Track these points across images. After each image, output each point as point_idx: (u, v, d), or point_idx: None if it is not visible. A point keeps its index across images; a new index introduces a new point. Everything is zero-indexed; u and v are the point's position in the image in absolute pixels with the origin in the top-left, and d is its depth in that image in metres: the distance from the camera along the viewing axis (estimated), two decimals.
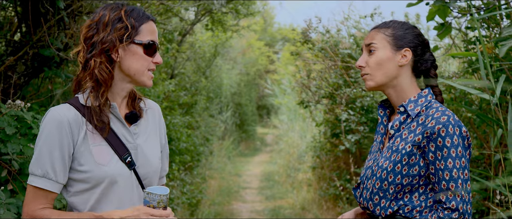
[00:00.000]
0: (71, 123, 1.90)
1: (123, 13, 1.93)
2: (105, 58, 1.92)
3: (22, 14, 3.86)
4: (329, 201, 7.63)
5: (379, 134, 2.20)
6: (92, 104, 1.92)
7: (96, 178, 1.91)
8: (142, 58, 1.95)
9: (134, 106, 2.05)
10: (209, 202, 8.82)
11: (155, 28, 2.01)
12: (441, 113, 1.98)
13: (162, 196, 1.88)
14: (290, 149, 11.92)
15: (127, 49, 1.93)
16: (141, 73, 1.96)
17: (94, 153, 1.92)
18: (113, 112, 1.98)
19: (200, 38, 10.91)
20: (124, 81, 1.98)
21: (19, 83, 3.74)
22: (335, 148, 7.54)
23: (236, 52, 17.42)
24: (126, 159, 1.96)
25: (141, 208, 1.87)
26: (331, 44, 7.20)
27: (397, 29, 2.09)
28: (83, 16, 3.83)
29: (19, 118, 2.94)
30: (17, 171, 2.99)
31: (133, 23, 1.93)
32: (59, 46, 3.69)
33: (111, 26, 1.91)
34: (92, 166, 1.91)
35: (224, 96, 14.93)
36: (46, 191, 1.90)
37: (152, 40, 1.97)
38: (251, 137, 18.46)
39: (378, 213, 2.07)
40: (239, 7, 9.33)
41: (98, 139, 1.94)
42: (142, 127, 2.06)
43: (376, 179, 2.06)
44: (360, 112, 6.49)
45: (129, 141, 1.99)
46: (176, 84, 8.50)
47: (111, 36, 1.91)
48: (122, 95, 2.00)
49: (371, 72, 2.10)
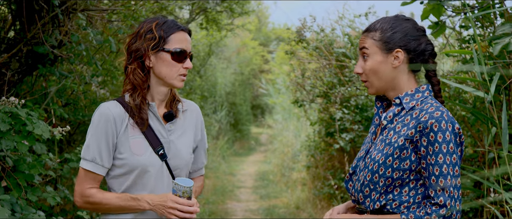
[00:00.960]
0: (115, 117, 2.23)
1: (154, 25, 2.24)
2: (138, 65, 2.25)
3: (16, 11, 3.84)
4: (323, 200, 7.64)
5: (374, 124, 2.21)
6: (131, 104, 2.25)
7: (130, 166, 2.23)
8: (171, 64, 2.24)
9: (172, 107, 2.34)
10: (204, 201, 8.81)
11: (186, 37, 2.29)
12: (435, 108, 1.99)
13: (186, 188, 2.19)
14: (284, 148, 11.92)
15: (158, 57, 2.24)
16: (171, 77, 2.26)
17: (131, 144, 2.24)
18: (152, 110, 2.28)
19: (195, 37, 10.90)
20: (158, 84, 2.29)
21: (13, 80, 3.73)
22: (330, 147, 7.54)
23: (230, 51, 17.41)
24: (159, 151, 2.26)
25: (169, 196, 2.19)
26: (325, 43, 7.21)
27: (385, 31, 2.07)
28: (77, 13, 3.82)
29: (13, 115, 2.92)
30: (11, 168, 2.98)
31: (162, 33, 2.23)
32: (53, 44, 3.68)
33: (144, 36, 2.25)
34: (128, 155, 2.23)
35: (218, 95, 14.91)
36: (94, 174, 2.24)
37: (181, 48, 2.25)
38: (245, 137, 18.45)
39: (367, 206, 2.08)
40: (234, 6, 9.32)
41: (137, 132, 2.26)
42: (178, 125, 2.35)
43: (368, 171, 2.07)
44: (355, 111, 6.50)
45: (163, 136, 2.29)
46: None
47: (142, 45, 2.24)
48: (159, 98, 2.31)
49: (368, 79, 2.11)
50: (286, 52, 7.92)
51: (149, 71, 2.27)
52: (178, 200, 2.18)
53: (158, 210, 2.20)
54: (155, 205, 2.20)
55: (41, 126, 2.94)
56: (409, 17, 2.12)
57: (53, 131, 3.11)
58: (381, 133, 2.11)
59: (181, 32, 2.27)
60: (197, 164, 2.51)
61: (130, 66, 2.26)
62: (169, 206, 2.18)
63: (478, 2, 3.82)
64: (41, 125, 2.95)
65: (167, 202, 2.18)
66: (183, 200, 2.19)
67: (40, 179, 3.18)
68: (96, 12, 4.09)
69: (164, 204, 2.18)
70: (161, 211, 2.19)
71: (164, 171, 2.29)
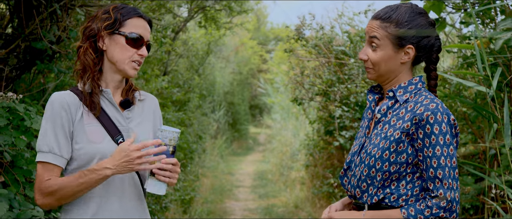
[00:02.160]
0: (70, 104, 2.11)
1: (112, 8, 2.17)
2: (90, 45, 2.15)
3: (14, 6, 3.82)
4: (322, 199, 7.62)
5: (367, 118, 2.18)
6: (82, 87, 2.14)
7: (88, 154, 2.09)
8: (124, 48, 2.14)
9: (128, 95, 2.23)
10: (202, 200, 8.78)
11: (145, 25, 2.19)
12: (430, 100, 1.97)
13: (174, 134, 2.03)
14: (283, 147, 11.91)
15: (112, 39, 2.15)
16: (123, 62, 2.15)
17: (88, 132, 2.11)
18: (107, 97, 2.18)
19: (193, 35, 10.87)
20: (111, 70, 2.18)
21: (11, 76, 3.70)
22: (329, 146, 7.52)
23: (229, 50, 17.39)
24: (118, 139, 2.13)
25: (126, 147, 1.99)
26: (324, 41, 7.19)
27: (400, 25, 2.01)
28: (76, 8, 3.80)
29: (11, 110, 2.90)
30: (9, 163, 2.96)
31: (118, 16, 2.15)
32: (51, 39, 3.65)
33: (100, 17, 2.16)
34: (85, 144, 2.10)
35: (217, 94, 14.89)
36: (52, 165, 2.08)
37: (138, 33, 2.16)
38: (243, 136, 18.44)
39: (365, 200, 2.06)
40: (233, 4, 9.30)
41: (92, 120, 2.13)
42: (136, 113, 2.23)
43: (364, 166, 2.04)
44: (355, 108, 6.48)
45: (121, 124, 2.17)
46: (169, 81, 8.46)
47: (96, 25, 2.15)
48: (113, 85, 2.20)
49: (373, 67, 2.07)
50: (285, 50, 7.89)
51: (102, 54, 2.16)
52: (139, 145, 1.98)
53: (124, 169, 2.00)
54: (117, 165, 1.99)
55: (39, 121, 2.91)
56: (422, 9, 2.06)
57: None
58: (375, 126, 2.09)
59: (139, 18, 2.18)
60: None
61: (83, 46, 2.15)
62: (136, 157, 1.98)
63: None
64: (39, 120, 2.93)
65: (130, 154, 1.99)
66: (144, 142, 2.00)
67: None
68: (94, 7, 4.06)
69: (128, 158, 1.99)
70: (128, 168, 2.00)
71: None
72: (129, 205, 2.16)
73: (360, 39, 6.89)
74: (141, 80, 6.66)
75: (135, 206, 2.18)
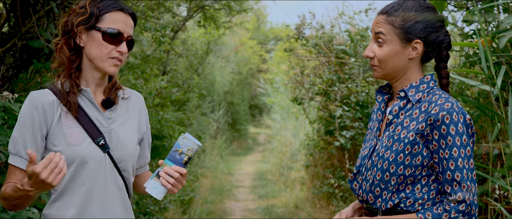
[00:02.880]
0: (44, 105, 2.01)
1: (89, 2, 2.05)
2: (66, 40, 2.05)
3: (10, 5, 3.77)
4: (322, 199, 7.57)
5: (377, 120, 2.09)
6: (59, 88, 2.05)
7: (67, 158, 1.97)
8: (101, 44, 2.04)
9: (111, 94, 2.13)
10: (202, 200, 8.74)
11: (126, 20, 2.08)
12: (444, 99, 1.89)
13: (195, 145, 1.98)
14: (283, 147, 11.87)
15: (89, 35, 2.04)
16: (100, 59, 2.05)
17: (66, 134, 2.01)
18: (87, 96, 2.08)
19: (193, 35, 10.83)
20: (90, 68, 2.08)
21: (7, 75, 3.65)
22: (329, 146, 7.48)
23: (228, 50, 17.35)
24: (99, 141, 2.04)
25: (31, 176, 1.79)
26: (325, 40, 7.14)
27: (407, 20, 1.93)
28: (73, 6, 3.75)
29: (6, 109, 2.85)
30: (4, 164, 2.91)
31: (95, 10, 2.03)
32: (48, 38, 3.61)
33: (75, 12, 2.06)
34: (63, 147, 2.00)
35: (216, 94, 14.85)
36: (19, 168, 2.01)
37: (117, 29, 2.04)
38: (243, 136, 18.41)
39: (378, 206, 1.98)
40: (232, 3, 9.25)
41: (72, 122, 2.04)
42: (119, 113, 2.14)
43: (377, 170, 1.96)
44: (355, 108, 6.43)
45: (103, 125, 2.08)
46: (168, 81, 8.42)
47: (72, 20, 2.04)
48: (94, 82, 2.10)
49: (379, 65, 1.99)
50: (285, 50, 7.85)
51: (81, 50, 2.07)
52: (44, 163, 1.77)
53: (45, 187, 1.81)
54: (37, 187, 1.82)
55: None
56: (430, 4, 1.98)
57: None
58: (387, 128, 2.00)
59: (119, 12, 2.06)
60: (143, 159, 2.27)
61: (59, 42, 2.06)
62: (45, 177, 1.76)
63: None
64: None
65: (39, 177, 1.77)
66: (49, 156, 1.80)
67: None
68: None
69: (40, 180, 1.78)
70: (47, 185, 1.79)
71: (107, 164, 2.05)
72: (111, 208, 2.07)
73: (360, 38, 6.85)
74: (140, 80, 6.62)
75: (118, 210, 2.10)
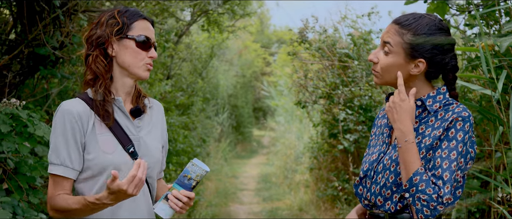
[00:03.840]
0: (80, 114, 2.06)
1: (116, 12, 2.13)
2: (100, 52, 2.10)
3: (17, 12, 3.82)
4: (327, 202, 7.59)
5: (386, 126, 2.14)
6: (94, 97, 2.09)
7: (100, 165, 2.06)
8: (135, 51, 2.12)
9: (139, 103, 2.21)
10: (206, 203, 8.78)
11: (150, 27, 2.17)
12: (462, 108, 1.96)
13: (203, 171, 2.03)
14: (287, 150, 11.89)
15: (121, 44, 2.11)
16: (135, 66, 2.12)
17: (100, 142, 2.08)
18: (118, 105, 2.14)
19: (197, 39, 10.87)
20: (123, 75, 2.14)
21: (14, 82, 3.70)
22: (333, 149, 7.50)
23: (232, 53, 17.39)
24: (129, 149, 2.11)
25: (116, 190, 1.88)
26: (328, 44, 7.17)
27: (418, 36, 1.96)
28: (78, 14, 3.80)
29: (14, 116, 2.89)
30: (12, 170, 2.95)
31: (125, 20, 2.12)
32: (54, 45, 3.65)
33: (106, 23, 2.11)
34: (98, 154, 2.06)
35: (220, 97, 14.89)
36: (64, 178, 2.06)
37: (146, 35, 2.13)
38: (247, 139, 18.43)
39: (387, 208, 2.02)
40: (235, 7, 9.29)
41: (104, 130, 2.10)
42: (145, 122, 2.21)
43: (390, 172, 2.00)
44: (359, 111, 6.45)
45: (132, 133, 2.14)
46: (173, 85, 8.46)
47: (104, 31, 2.10)
48: (125, 91, 2.16)
49: (380, 72, 2.03)
50: (289, 53, 7.88)
51: (112, 61, 2.12)
52: (132, 175, 1.88)
53: (124, 198, 1.93)
54: (117, 199, 1.93)
55: (43, 127, 2.91)
56: (444, 25, 2.01)
57: None
58: None
59: (144, 20, 2.16)
60: (161, 166, 2.32)
61: (92, 54, 2.10)
62: (131, 191, 1.89)
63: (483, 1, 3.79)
64: (43, 126, 2.92)
65: (124, 191, 1.88)
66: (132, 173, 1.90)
67: (41, 181, 3.14)
68: (97, 13, 4.06)
69: (124, 194, 1.90)
70: (127, 197, 1.92)
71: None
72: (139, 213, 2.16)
73: (363, 42, 6.87)
74: (145, 84, 6.66)
75: (144, 214, 2.18)
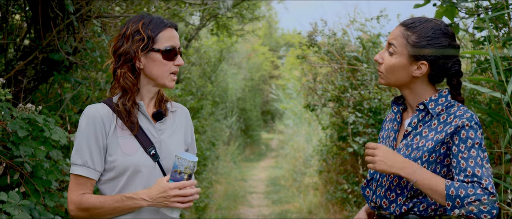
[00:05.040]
0: (103, 118, 2.15)
1: (141, 25, 2.16)
2: (128, 68, 2.17)
3: (31, 19, 3.88)
4: (336, 204, 7.61)
5: (392, 130, 2.17)
6: (121, 108, 2.17)
7: (122, 166, 2.13)
8: (162, 63, 2.17)
9: (161, 106, 2.27)
10: (216, 206, 8.81)
11: (174, 34, 2.21)
12: (463, 111, 1.99)
13: (190, 162, 2.05)
14: (296, 153, 11.90)
15: (148, 57, 2.16)
16: (163, 77, 2.19)
17: (121, 145, 2.15)
18: (141, 110, 2.21)
19: (206, 43, 10.93)
20: (149, 85, 2.22)
21: (29, 87, 3.76)
22: (342, 151, 7.52)
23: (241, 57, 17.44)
24: (151, 151, 2.17)
25: (166, 185, 2.04)
26: (337, 47, 7.20)
27: (422, 38, 2.01)
28: (92, 20, 3.85)
29: (31, 121, 2.95)
30: (29, 174, 3.00)
31: (150, 33, 2.15)
32: (68, 51, 3.71)
33: (131, 38, 2.15)
34: (119, 156, 2.14)
35: (229, 101, 14.93)
36: (86, 178, 2.14)
37: (171, 45, 2.18)
38: (256, 142, 18.46)
39: (392, 211, 2.05)
40: (244, 11, 9.34)
41: (126, 132, 2.18)
42: (168, 125, 2.27)
43: (394, 176, 2.04)
44: (368, 114, 6.48)
45: (154, 136, 2.21)
46: (183, 89, 8.52)
47: (131, 48, 2.15)
48: (149, 96, 2.24)
49: (384, 73, 2.08)
50: (298, 57, 7.92)
51: (139, 72, 2.20)
52: (178, 184, 2.04)
53: (160, 203, 2.06)
54: (154, 199, 2.06)
55: (58, 132, 2.96)
56: (450, 31, 2.05)
57: (69, 137, 3.13)
58: (404, 138, 2.09)
59: (168, 29, 2.19)
60: None
61: (120, 70, 2.17)
62: (173, 195, 2.04)
63: (492, 4, 3.80)
64: (58, 131, 2.97)
65: (167, 192, 2.04)
66: (184, 182, 2.05)
67: (57, 185, 3.20)
68: (109, 18, 4.12)
69: (165, 195, 2.04)
70: (164, 203, 2.06)
71: (156, 173, 2.19)
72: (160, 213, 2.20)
73: (372, 45, 6.90)
74: None
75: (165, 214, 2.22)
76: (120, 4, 4.99)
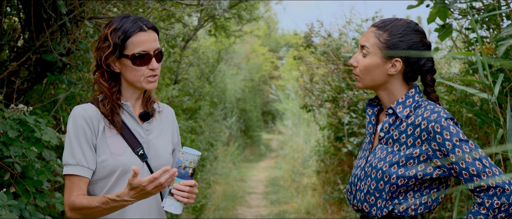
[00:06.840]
0: (92, 117, 2.16)
1: (110, 32, 2.14)
2: (101, 73, 2.18)
3: (25, 20, 3.90)
4: (334, 204, 7.62)
5: (369, 133, 2.19)
6: (102, 110, 2.18)
7: (111, 166, 2.15)
8: (134, 69, 2.15)
9: (148, 107, 2.28)
10: (214, 206, 8.83)
11: (149, 37, 2.16)
12: (430, 111, 1.99)
13: (195, 156, 2.05)
14: (294, 153, 11.92)
15: (121, 63, 2.17)
16: (138, 81, 2.18)
17: (110, 144, 2.17)
18: (127, 110, 2.23)
19: (204, 44, 10.95)
20: (131, 88, 2.22)
21: (22, 88, 3.77)
22: (339, 152, 7.54)
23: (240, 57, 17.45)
24: (139, 151, 2.19)
25: (137, 185, 1.97)
26: (333, 48, 7.22)
27: (393, 36, 2.04)
28: (85, 21, 3.87)
29: (22, 122, 2.96)
30: (19, 174, 3.02)
31: (117, 41, 2.12)
32: (61, 51, 3.72)
33: (102, 44, 2.16)
34: (108, 156, 2.15)
35: (228, 102, 14.94)
36: (80, 177, 2.14)
37: (143, 50, 2.14)
38: (256, 143, 18.47)
39: (374, 214, 2.06)
40: (242, 12, 9.35)
41: (114, 132, 2.19)
42: (155, 125, 2.29)
43: (371, 179, 2.05)
44: (363, 114, 6.49)
45: (141, 136, 2.23)
46: (180, 89, 8.54)
47: (100, 54, 2.16)
48: (134, 97, 2.24)
49: (360, 75, 2.10)
50: (294, 58, 7.94)
51: (119, 75, 2.20)
52: (150, 178, 1.96)
53: (142, 197, 2.01)
54: (136, 197, 2.00)
55: (49, 132, 2.97)
56: (420, 28, 2.08)
57: (61, 137, 3.15)
58: (379, 142, 2.10)
59: (140, 33, 2.14)
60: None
61: (97, 74, 2.20)
62: (151, 189, 1.97)
63: (484, 5, 3.82)
64: (49, 131, 2.99)
65: (144, 188, 1.97)
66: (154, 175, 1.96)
67: (48, 185, 3.21)
68: (103, 20, 4.13)
69: (144, 191, 1.98)
70: (146, 195, 2.01)
71: (145, 173, 2.20)
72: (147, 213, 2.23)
73: None
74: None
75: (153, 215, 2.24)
76: (117, 5, 5.01)
